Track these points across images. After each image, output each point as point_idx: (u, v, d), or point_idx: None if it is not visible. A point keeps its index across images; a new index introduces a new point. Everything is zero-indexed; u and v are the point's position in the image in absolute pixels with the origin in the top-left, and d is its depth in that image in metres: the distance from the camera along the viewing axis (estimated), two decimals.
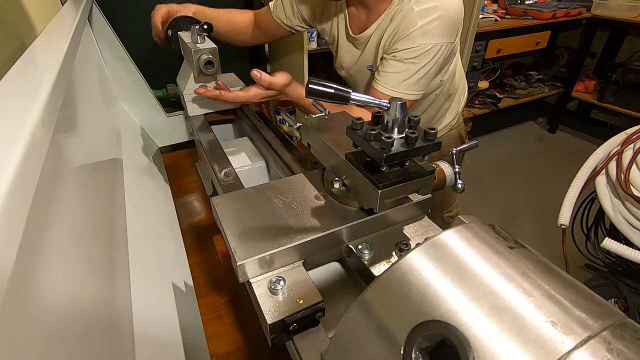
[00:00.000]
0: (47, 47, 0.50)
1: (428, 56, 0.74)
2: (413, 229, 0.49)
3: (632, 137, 0.84)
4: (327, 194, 0.50)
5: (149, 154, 0.99)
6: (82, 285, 0.35)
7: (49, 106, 0.32)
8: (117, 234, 0.53)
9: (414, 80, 0.76)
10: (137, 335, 0.44)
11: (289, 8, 0.95)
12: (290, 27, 0.99)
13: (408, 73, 0.75)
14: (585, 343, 0.17)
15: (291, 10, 0.95)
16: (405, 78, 0.75)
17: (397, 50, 0.75)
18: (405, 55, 0.74)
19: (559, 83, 2.81)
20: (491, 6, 2.42)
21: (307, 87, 0.41)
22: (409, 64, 0.74)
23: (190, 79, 0.86)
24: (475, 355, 0.17)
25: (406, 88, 0.76)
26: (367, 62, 0.88)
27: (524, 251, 0.22)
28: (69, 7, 0.74)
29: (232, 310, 0.63)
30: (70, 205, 0.38)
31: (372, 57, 0.86)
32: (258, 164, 0.83)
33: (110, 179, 0.63)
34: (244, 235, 0.43)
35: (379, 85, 0.77)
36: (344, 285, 0.51)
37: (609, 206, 0.84)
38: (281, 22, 0.99)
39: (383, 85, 0.77)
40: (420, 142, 0.40)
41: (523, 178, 2.42)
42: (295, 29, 1.00)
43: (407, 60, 0.74)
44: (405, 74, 0.75)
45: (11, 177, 0.22)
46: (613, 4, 2.30)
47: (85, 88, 0.67)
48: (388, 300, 0.22)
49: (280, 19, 0.98)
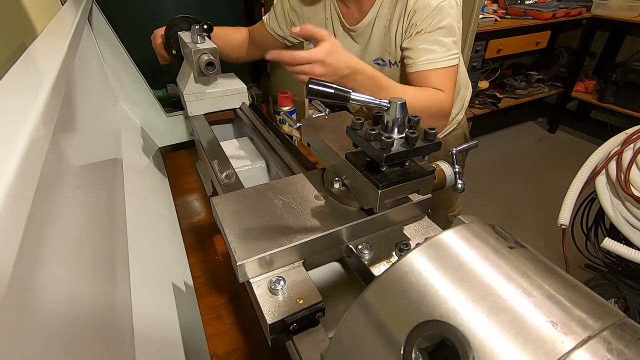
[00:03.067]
0: (47, 47, 0.50)
1: (449, 13, 0.73)
2: (413, 229, 0.49)
3: (632, 137, 0.84)
4: (327, 194, 0.50)
5: (149, 154, 0.99)
6: (82, 285, 0.35)
7: (49, 106, 0.32)
8: (117, 234, 0.53)
9: (450, 44, 0.74)
10: (137, 335, 0.44)
11: (282, 19, 0.96)
12: (283, 38, 1.00)
13: (443, 40, 0.73)
14: (585, 343, 0.17)
15: (284, 20, 0.96)
16: (443, 45, 0.74)
17: (416, 25, 0.74)
18: (428, 23, 0.73)
19: (559, 83, 2.81)
20: (491, 6, 2.42)
21: (307, 87, 0.41)
22: (436, 30, 0.73)
23: (190, 79, 0.86)
24: (475, 355, 0.17)
25: (448, 55, 0.74)
26: (373, 55, 0.87)
27: (524, 251, 0.22)
28: (69, 7, 0.74)
29: (232, 310, 0.63)
30: (70, 205, 0.38)
31: (379, 50, 0.85)
32: (258, 164, 0.83)
33: (110, 179, 0.63)
34: (244, 235, 0.43)
35: (424, 65, 0.75)
36: (344, 285, 0.51)
37: (609, 206, 0.84)
38: (275, 34, 0.99)
39: (427, 64, 0.74)
40: (420, 142, 0.40)
41: (523, 178, 2.42)
42: (288, 39, 1.00)
43: (433, 27, 0.73)
44: (441, 42, 0.73)
45: (11, 177, 0.22)
46: (613, 4, 2.30)
47: (85, 88, 0.67)
48: (388, 300, 0.22)
49: (274, 30, 0.99)
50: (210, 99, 0.90)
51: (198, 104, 0.90)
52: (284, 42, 1.01)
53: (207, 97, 0.90)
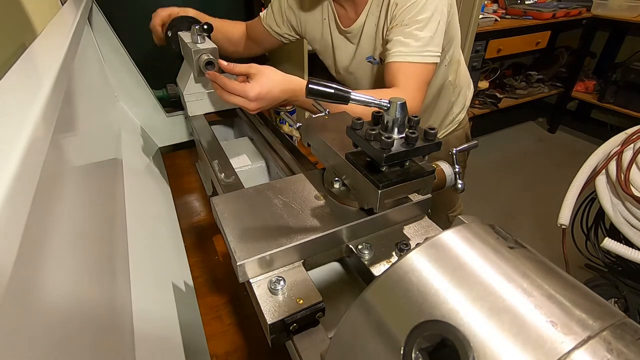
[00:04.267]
0: (47, 47, 0.50)
1: (429, 8, 0.71)
2: (413, 229, 0.49)
3: (632, 137, 0.84)
4: (327, 194, 0.50)
5: (149, 154, 0.99)
6: (82, 285, 0.35)
7: (49, 106, 0.32)
8: (117, 234, 0.53)
9: (426, 39, 0.71)
10: (137, 335, 0.44)
11: (279, 16, 0.96)
12: (279, 34, 1.00)
13: (419, 34, 0.71)
14: (585, 343, 0.17)
15: (280, 18, 0.96)
16: (418, 40, 0.71)
17: (396, 17, 0.73)
18: (407, 16, 0.71)
19: (559, 83, 2.81)
20: (491, 6, 2.42)
21: (307, 87, 0.41)
22: (414, 24, 0.71)
23: (190, 79, 0.86)
24: (475, 355, 0.17)
25: (421, 50, 0.71)
26: (366, 53, 0.87)
27: (524, 251, 0.22)
28: (69, 7, 0.74)
29: (232, 310, 0.63)
30: (70, 205, 0.38)
31: (370, 48, 0.85)
32: (258, 164, 0.83)
33: (110, 179, 0.63)
34: (244, 235, 0.43)
35: (396, 57, 0.72)
36: (344, 285, 0.51)
37: (609, 206, 0.84)
38: (271, 30, 0.99)
39: (399, 56, 0.72)
40: (420, 142, 0.40)
41: (523, 178, 2.42)
42: (285, 36, 1.00)
43: (411, 21, 0.71)
44: (416, 37, 0.71)
45: (11, 177, 0.22)
46: (613, 4, 2.30)
47: (85, 88, 0.67)
48: (388, 300, 0.22)
49: (270, 26, 0.99)
50: (210, 99, 0.90)
51: (198, 104, 0.90)
52: (280, 38, 1.01)
53: (207, 97, 0.90)
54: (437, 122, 1.02)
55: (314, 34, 0.94)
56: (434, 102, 0.97)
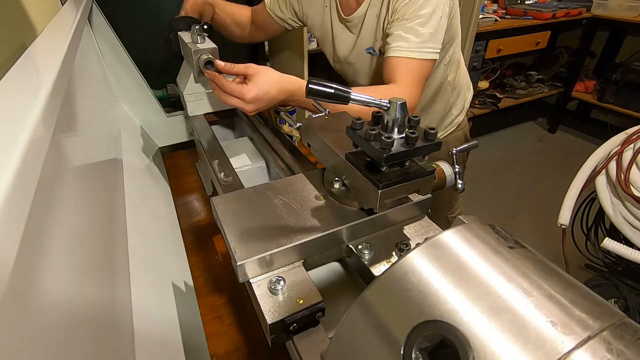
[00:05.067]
0: (47, 47, 0.50)
1: (431, 3, 0.70)
2: (413, 229, 0.49)
3: (632, 137, 0.83)
4: (327, 194, 0.50)
5: (149, 154, 0.99)
6: (82, 285, 0.35)
7: (49, 106, 0.32)
8: (117, 234, 0.53)
9: (427, 35, 0.71)
10: (137, 335, 0.44)
11: (282, 2, 0.96)
12: (283, 20, 0.99)
13: (420, 30, 0.71)
14: (585, 343, 0.17)
15: (284, 3, 0.96)
16: (419, 35, 0.71)
17: (397, 11, 0.73)
18: (408, 10, 0.71)
19: (559, 83, 2.81)
20: (491, 6, 2.42)
21: (307, 87, 0.41)
22: (415, 19, 0.71)
23: (190, 79, 0.86)
24: (475, 355, 0.17)
25: (421, 46, 0.71)
26: (366, 44, 0.86)
27: (524, 251, 0.22)
28: (69, 7, 0.74)
29: (232, 310, 0.63)
30: (70, 205, 0.38)
31: (371, 39, 0.84)
32: (258, 164, 0.83)
33: (110, 179, 0.63)
34: (244, 235, 0.43)
35: (396, 52, 0.72)
36: (344, 285, 0.51)
37: (609, 206, 0.84)
38: (275, 16, 0.99)
39: (399, 51, 0.71)
40: (420, 142, 0.40)
41: (523, 178, 2.42)
42: (288, 22, 1.00)
43: (413, 15, 0.71)
44: (417, 32, 0.71)
45: (11, 177, 0.22)
46: (613, 4, 2.30)
47: (85, 88, 0.67)
48: (388, 300, 0.22)
49: (274, 11, 0.98)
50: (210, 99, 0.90)
51: (198, 104, 0.90)
52: (283, 24, 1.01)
53: (206, 97, 0.90)
54: (434, 122, 1.02)
55: (315, 20, 0.93)
56: (431, 102, 0.96)
